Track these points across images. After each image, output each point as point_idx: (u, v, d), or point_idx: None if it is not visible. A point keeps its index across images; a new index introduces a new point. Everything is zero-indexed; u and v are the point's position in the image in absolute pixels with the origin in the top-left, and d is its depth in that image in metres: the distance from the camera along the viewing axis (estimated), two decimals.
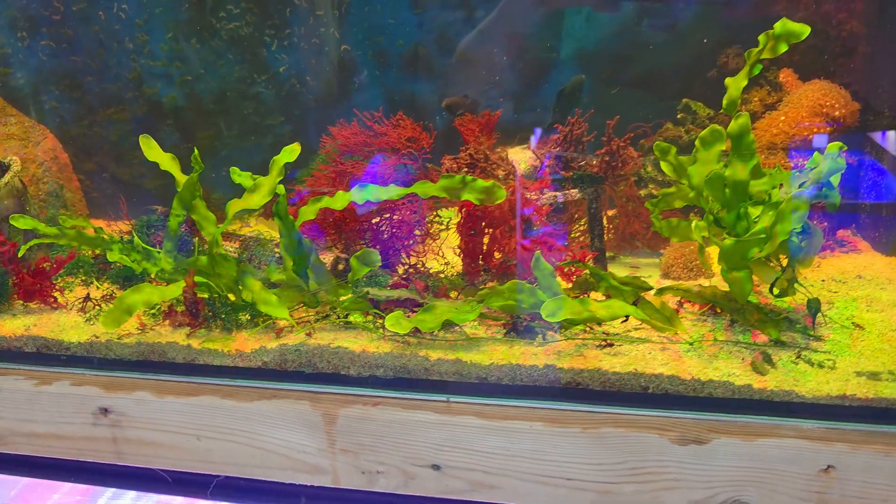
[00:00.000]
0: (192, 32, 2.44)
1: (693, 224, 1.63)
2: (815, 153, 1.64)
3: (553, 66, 2.41)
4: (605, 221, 2.21)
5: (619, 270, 2.20)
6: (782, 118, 2.12)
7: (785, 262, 1.73)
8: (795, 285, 1.75)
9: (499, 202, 1.70)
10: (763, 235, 1.52)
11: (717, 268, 1.70)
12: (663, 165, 1.76)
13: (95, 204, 2.53)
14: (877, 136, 2.13)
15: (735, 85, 1.64)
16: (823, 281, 2.00)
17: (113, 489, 2.69)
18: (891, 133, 2.07)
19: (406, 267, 1.93)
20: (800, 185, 1.53)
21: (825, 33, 2.17)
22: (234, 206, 1.80)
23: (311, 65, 2.43)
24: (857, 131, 2.17)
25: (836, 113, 2.07)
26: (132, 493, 2.73)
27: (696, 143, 1.57)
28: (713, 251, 1.73)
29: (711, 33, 2.33)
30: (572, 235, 2.12)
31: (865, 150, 2.25)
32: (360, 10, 2.38)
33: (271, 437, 1.73)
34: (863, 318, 1.77)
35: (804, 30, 1.54)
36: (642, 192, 2.06)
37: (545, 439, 1.58)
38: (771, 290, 1.71)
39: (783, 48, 1.57)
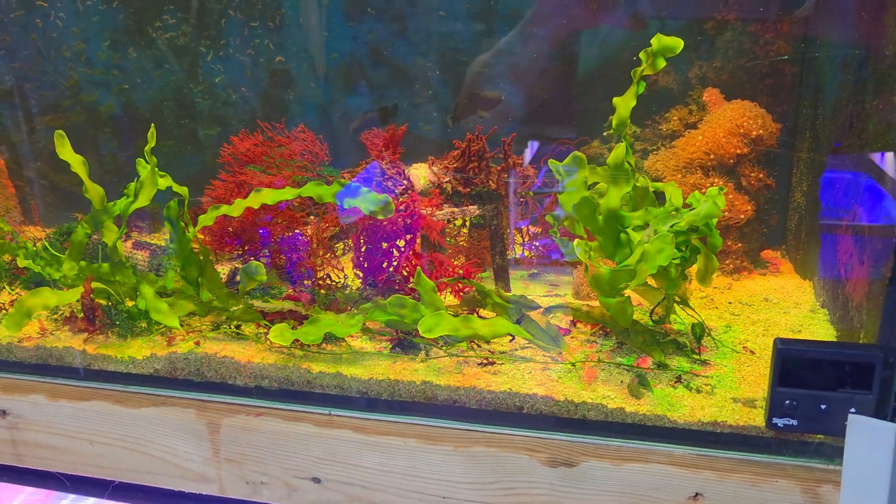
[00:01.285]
0: (128, 41, 2.48)
1: (575, 243, 1.62)
2: (696, 192, 1.62)
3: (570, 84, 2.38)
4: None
5: (539, 288, 2.19)
6: (700, 137, 2.09)
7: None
8: (687, 309, 1.73)
9: (390, 216, 1.71)
10: (632, 268, 1.50)
11: None
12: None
13: (35, 211, 2.57)
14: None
15: (624, 105, 1.62)
16: (730, 303, 1.97)
17: (74, 494, 2.73)
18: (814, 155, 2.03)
19: (313, 280, 1.93)
20: (671, 226, 1.51)
21: (753, 52, 2.14)
22: (130, 205, 1.82)
23: (247, 75, 2.45)
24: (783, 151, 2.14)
25: (754, 133, 2.04)
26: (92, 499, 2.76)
27: (563, 172, 1.55)
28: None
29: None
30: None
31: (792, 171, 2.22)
32: (295, 23, 2.40)
33: (159, 444, 1.74)
34: (757, 342, 1.74)
35: (678, 43, 1.53)
36: None
37: (419, 456, 1.58)
38: (651, 317, 1.69)
39: (662, 64, 1.56)
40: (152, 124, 1.72)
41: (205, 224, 1.80)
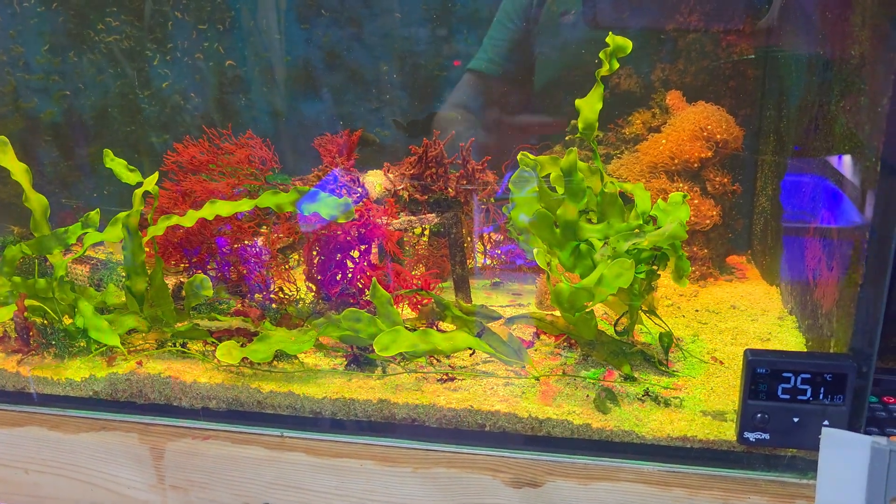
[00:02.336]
0: (69, 45, 2.36)
1: (535, 252, 1.55)
2: (659, 201, 1.56)
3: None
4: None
5: (501, 298, 2.12)
6: (663, 141, 2.05)
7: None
8: (654, 318, 1.67)
9: (351, 219, 1.63)
10: (591, 289, 1.44)
11: None
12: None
13: None
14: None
15: (589, 107, 1.56)
16: (697, 311, 1.92)
17: None
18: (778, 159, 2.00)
19: (264, 294, 1.84)
20: (633, 243, 1.45)
21: (715, 55, 2.11)
22: (91, 237, 1.72)
23: (196, 80, 2.35)
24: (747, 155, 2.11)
25: (718, 137, 2.00)
26: None
27: (510, 186, 1.49)
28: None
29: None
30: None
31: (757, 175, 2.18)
32: (246, 25, 2.31)
33: (100, 472, 1.64)
34: (725, 351, 1.69)
35: (627, 44, 1.49)
36: None
37: (376, 479, 1.50)
38: (615, 329, 1.63)
39: (616, 65, 1.51)
40: (156, 172, 1.64)
41: (154, 234, 1.70)
